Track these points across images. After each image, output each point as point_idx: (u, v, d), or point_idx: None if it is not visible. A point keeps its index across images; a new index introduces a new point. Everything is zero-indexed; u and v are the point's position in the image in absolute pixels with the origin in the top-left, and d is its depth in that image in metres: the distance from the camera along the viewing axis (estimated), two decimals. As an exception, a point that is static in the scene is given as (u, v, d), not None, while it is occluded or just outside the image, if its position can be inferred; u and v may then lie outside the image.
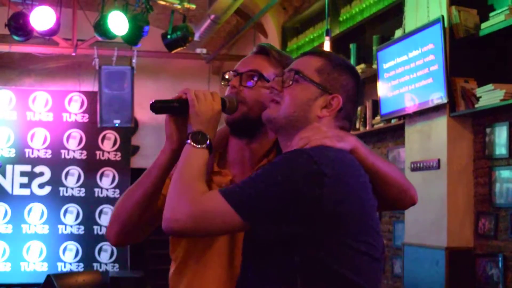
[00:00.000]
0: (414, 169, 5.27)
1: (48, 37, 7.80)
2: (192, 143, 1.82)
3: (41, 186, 9.31)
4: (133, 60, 9.04)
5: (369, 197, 1.73)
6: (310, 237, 1.62)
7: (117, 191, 9.44)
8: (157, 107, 1.91)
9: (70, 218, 9.34)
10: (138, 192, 1.96)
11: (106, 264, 9.37)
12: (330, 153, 1.68)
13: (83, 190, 9.41)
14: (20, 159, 9.26)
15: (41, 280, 7.87)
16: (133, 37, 7.20)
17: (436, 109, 5.01)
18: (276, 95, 1.86)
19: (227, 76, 2.09)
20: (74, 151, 9.44)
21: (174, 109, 1.93)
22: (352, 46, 6.67)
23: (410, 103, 5.22)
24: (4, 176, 9.19)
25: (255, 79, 2.01)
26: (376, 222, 1.75)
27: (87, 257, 9.33)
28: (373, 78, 5.96)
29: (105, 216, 9.40)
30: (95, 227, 9.40)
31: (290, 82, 1.83)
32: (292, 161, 1.65)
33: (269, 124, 1.87)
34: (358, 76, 1.91)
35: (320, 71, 1.84)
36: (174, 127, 1.94)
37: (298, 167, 1.62)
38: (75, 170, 9.42)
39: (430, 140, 5.12)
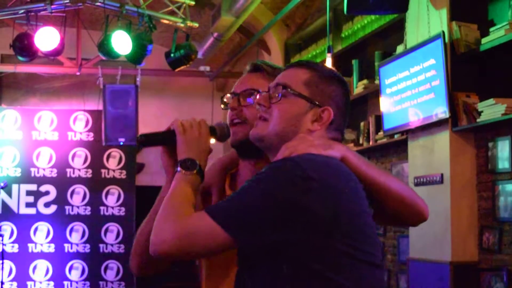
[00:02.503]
0: (417, 183, 5.28)
1: (52, 57, 7.86)
2: (181, 170, 1.80)
3: (46, 205, 9.32)
4: (137, 79, 9.11)
5: (361, 202, 1.64)
6: (299, 244, 1.55)
7: (123, 209, 9.45)
8: (143, 140, 1.93)
9: (76, 236, 9.35)
10: (147, 226, 1.93)
11: (112, 282, 9.36)
12: (316, 158, 1.62)
13: (88, 208, 9.42)
14: (26, 178, 9.29)
15: (47, 299, 7.87)
16: (137, 56, 7.25)
17: (438, 124, 5.03)
18: (264, 111, 1.79)
19: (225, 100, 2.09)
20: (79, 169, 9.46)
21: (162, 141, 1.93)
22: (354, 62, 6.70)
23: (413, 118, 5.24)
24: (10, 195, 9.21)
25: (253, 97, 1.97)
26: (371, 229, 1.66)
27: (93, 276, 9.32)
28: (376, 93, 5.98)
29: (110, 234, 9.41)
30: (101, 245, 9.40)
31: (278, 97, 1.77)
32: (277, 169, 1.60)
33: (258, 142, 1.80)
34: (346, 85, 1.84)
35: (308, 83, 1.77)
36: (169, 159, 1.93)
37: (283, 173, 1.57)
38: (80, 189, 9.44)
39: (433, 154, 5.14)
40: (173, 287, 9.18)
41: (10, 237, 9.10)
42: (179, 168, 1.80)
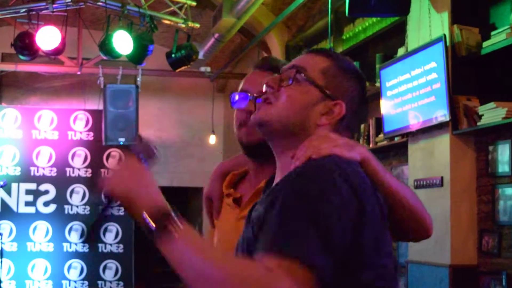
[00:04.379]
0: (417, 186, 5.28)
1: (53, 56, 7.87)
2: (164, 235, 1.36)
3: (46, 204, 9.32)
4: (138, 79, 9.11)
5: (382, 216, 1.48)
6: (351, 259, 1.37)
7: (122, 209, 9.40)
8: (94, 229, 1.52)
9: (75, 236, 9.35)
10: None
11: (111, 281, 9.36)
12: (347, 167, 1.42)
13: (88, 208, 9.42)
14: (25, 177, 9.28)
15: (45, 298, 7.87)
16: (138, 56, 7.26)
17: (439, 127, 5.03)
18: (271, 94, 1.60)
19: (236, 98, 2.00)
20: (79, 169, 9.46)
21: (107, 214, 1.59)
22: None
23: (413, 121, 5.24)
24: (9, 194, 9.21)
25: None
26: (390, 244, 1.51)
27: (92, 275, 9.31)
28: (376, 96, 5.98)
29: (109, 234, 9.40)
30: (100, 245, 9.40)
31: (290, 81, 1.58)
32: (321, 189, 1.36)
33: (259, 127, 1.61)
34: (365, 84, 1.69)
35: (325, 72, 1.60)
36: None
37: (330, 193, 1.35)
38: (80, 188, 9.44)
39: (433, 157, 5.14)
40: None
41: (9, 236, 9.09)
42: (157, 234, 1.38)
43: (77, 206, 9.40)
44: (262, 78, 1.82)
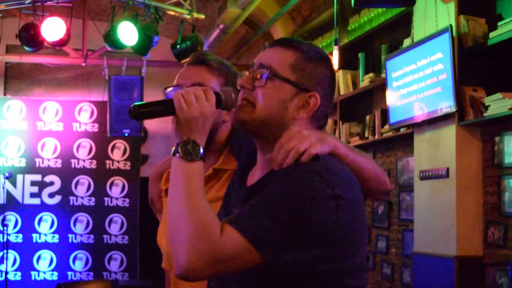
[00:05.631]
0: (423, 177, 5.27)
1: (58, 47, 7.87)
2: (183, 157, 1.56)
3: (51, 195, 9.34)
4: (143, 70, 9.09)
5: (364, 211, 1.63)
6: (331, 261, 1.52)
7: (127, 200, 9.46)
8: (137, 113, 1.62)
9: (80, 227, 9.37)
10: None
11: (116, 273, 9.38)
12: (336, 169, 1.56)
13: (93, 199, 9.44)
14: (31, 168, 9.30)
15: (51, 289, 7.90)
16: (143, 47, 7.25)
17: (445, 118, 5.01)
18: (248, 94, 1.67)
19: (167, 92, 2.10)
20: (84, 160, 9.47)
21: (158, 114, 1.64)
22: (360, 55, 6.68)
23: (419, 112, 5.23)
24: (14, 185, 9.23)
25: None
26: (366, 237, 1.65)
27: (97, 266, 9.34)
28: (382, 87, 5.97)
29: (114, 225, 9.43)
30: (105, 236, 9.42)
31: (263, 81, 1.64)
32: (305, 186, 1.49)
33: (240, 126, 1.69)
34: (332, 65, 1.75)
35: (295, 67, 1.66)
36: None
37: (313, 191, 1.48)
38: (85, 180, 9.46)
39: (439, 149, 5.13)
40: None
41: (14, 227, 9.12)
42: (178, 154, 1.57)
43: (82, 198, 9.42)
44: (194, 72, 2.06)
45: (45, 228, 9.25)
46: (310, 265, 1.49)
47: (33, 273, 9.15)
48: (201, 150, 1.58)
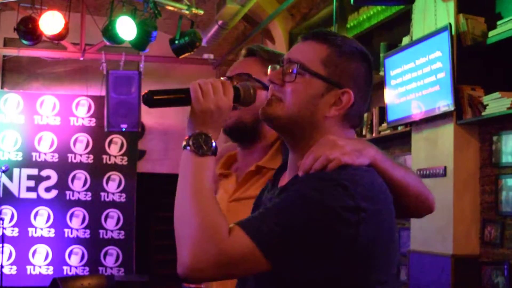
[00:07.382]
0: (420, 176, 5.26)
1: (56, 41, 7.86)
2: (194, 151, 1.52)
3: (47, 189, 9.33)
4: (141, 65, 9.09)
5: (394, 225, 1.52)
6: (343, 278, 1.42)
7: (123, 195, 9.46)
8: (151, 99, 1.58)
9: (76, 222, 9.36)
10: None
11: (111, 268, 9.38)
12: (363, 181, 1.45)
13: (89, 194, 9.43)
14: (27, 162, 9.29)
15: (46, 283, 7.90)
16: (141, 42, 7.23)
17: (443, 117, 5.01)
18: (277, 90, 1.59)
19: None
20: (81, 155, 9.46)
21: (173, 103, 1.60)
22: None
23: (417, 111, 5.22)
24: (11, 179, 9.22)
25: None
26: (396, 256, 1.57)
27: (93, 261, 9.34)
28: (380, 85, 5.96)
29: (111, 220, 9.42)
30: (101, 231, 9.41)
31: (293, 76, 1.56)
32: (325, 194, 1.39)
33: (268, 122, 1.61)
34: (370, 61, 1.63)
35: (327, 62, 1.56)
36: None
37: (333, 202, 1.39)
38: (81, 174, 9.45)
39: (437, 147, 5.12)
40: (167, 274, 9.18)
41: (10, 221, 9.11)
42: (189, 147, 1.53)
43: (78, 192, 9.41)
44: (243, 63, 2.09)
45: (41, 222, 9.24)
46: (319, 278, 1.42)
47: (28, 267, 9.14)
48: (214, 144, 1.53)
